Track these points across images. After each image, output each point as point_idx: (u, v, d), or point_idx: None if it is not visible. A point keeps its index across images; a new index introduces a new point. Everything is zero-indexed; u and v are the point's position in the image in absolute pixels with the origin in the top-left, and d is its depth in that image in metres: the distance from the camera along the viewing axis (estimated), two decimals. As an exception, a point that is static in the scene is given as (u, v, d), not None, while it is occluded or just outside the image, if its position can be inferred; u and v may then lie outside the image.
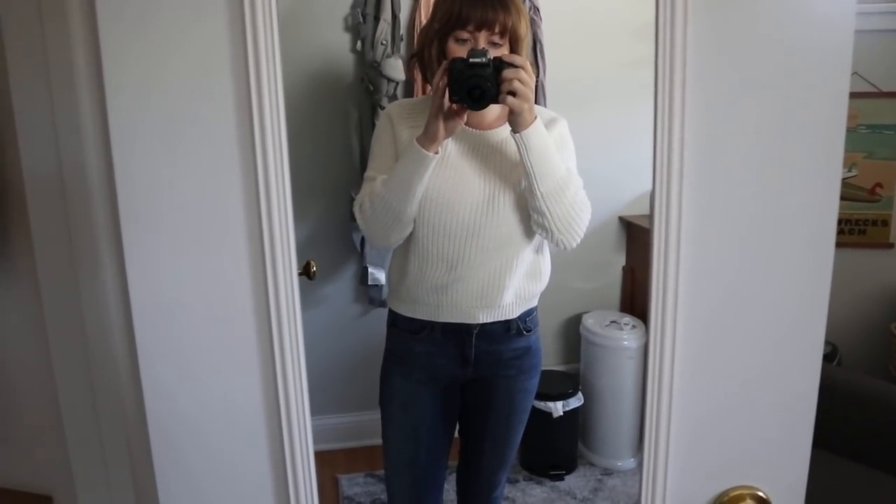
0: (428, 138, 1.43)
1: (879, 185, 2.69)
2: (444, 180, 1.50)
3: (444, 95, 1.39)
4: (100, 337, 0.95)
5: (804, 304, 0.83)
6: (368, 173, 1.60)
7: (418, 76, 1.90)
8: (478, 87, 1.37)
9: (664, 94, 0.79)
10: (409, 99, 1.70)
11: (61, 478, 1.03)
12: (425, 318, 1.60)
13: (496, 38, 1.44)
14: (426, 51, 1.50)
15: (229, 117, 0.81)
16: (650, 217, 0.83)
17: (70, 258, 0.95)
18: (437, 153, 1.43)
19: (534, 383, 1.71)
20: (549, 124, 1.53)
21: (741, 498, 0.85)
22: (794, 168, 0.80)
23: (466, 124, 1.52)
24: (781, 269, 0.82)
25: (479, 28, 1.42)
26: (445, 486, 1.93)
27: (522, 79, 1.37)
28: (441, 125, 1.41)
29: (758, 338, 0.84)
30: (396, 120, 1.57)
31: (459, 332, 1.59)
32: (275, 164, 0.82)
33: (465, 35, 1.43)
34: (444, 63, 1.39)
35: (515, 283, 1.57)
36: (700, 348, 0.84)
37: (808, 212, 0.81)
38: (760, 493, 0.85)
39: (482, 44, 1.43)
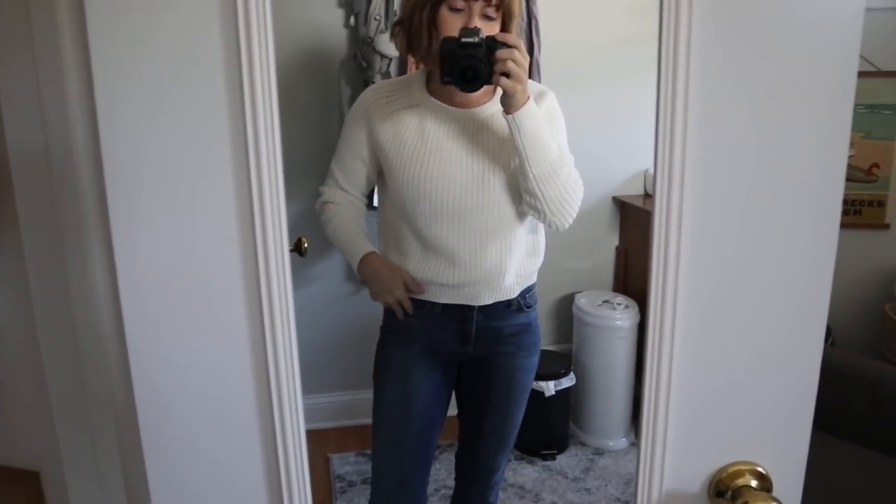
0: (365, 274, 1.58)
1: (876, 165, 2.68)
2: (430, 164, 1.47)
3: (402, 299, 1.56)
4: (87, 313, 0.93)
5: (807, 281, 0.82)
6: (333, 165, 1.64)
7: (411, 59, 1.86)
8: (471, 68, 1.33)
9: (667, 68, 0.77)
10: (387, 81, 1.66)
11: (48, 453, 1.02)
12: (425, 299, 1.58)
13: (490, 12, 1.40)
14: (415, 16, 1.43)
15: (219, 89, 0.78)
16: (645, 197, 0.81)
17: (57, 234, 0.93)
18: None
19: (534, 361, 1.70)
20: (537, 98, 1.49)
21: (740, 474, 0.84)
22: (800, 147, 0.79)
23: (451, 103, 1.49)
24: (785, 248, 0.81)
25: None
26: (440, 467, 1.93)
27: (516, 59, 1.33)
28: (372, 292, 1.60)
29: (759, 314, 0.83)
30: (374, 109, 1.53)
31: (460, 310, 1.57)
32: (266, 137, 0.80)
33: (460, 4, 1.39)
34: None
35: (515, 263, 1.55)
36: (700, 325, 0.82)
37: (813, 190, 0.80)
38: (760, 469, 0.84)
39: (476, 15, 1.39)
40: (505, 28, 1.43)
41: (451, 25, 1.38)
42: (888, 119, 2.64)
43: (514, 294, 1.59)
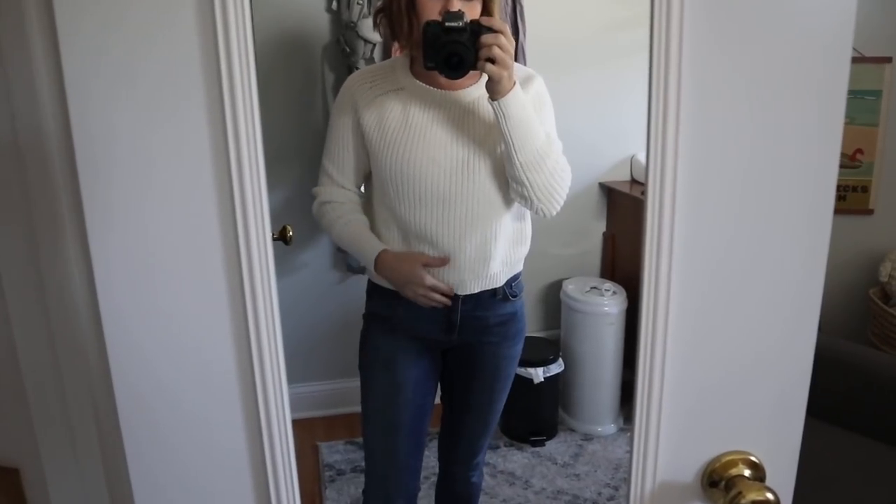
0: (385, 275, 1.53)
1: (860, 150, 2.68)
2: (414, 148, 1.45)
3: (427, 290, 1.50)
4: (62, 305, 0.91)
5: (801, 269, 0.81)
6: (326, 162, 1.59)
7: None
8: (456, 54, 1.30)
9: (660, 52, 0.75)
10: (370, 66, 1.64)
11: (27, 449, 1.00)
12: None
13: None
14: (394, 4, 1.41)
15: (195, 71, 0.76)
16: (632, 183, 0.80)
17: (29, 225, 0.90)
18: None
19: (518, 350, 1.69)
20: (525, 82, 1.47)
21: (733, 464, 0.83)
22: (794, 132, 0.78)
23: (436, 85, 1.47)
24: (778, 235, 0.80)
25: None
26: (428, 454, 1.92)
27: (502, 44, 1.31)
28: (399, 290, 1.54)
29: (753, 303, 0.82)
30: (359, 95, 1.51)
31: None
32: (245, 123, 0.77)
33: None
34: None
35: (501, 251, 1.54)
36: (693, 314, 0.81)
37: (807, 176, 0.79)
38: (753, 459, 0.84)
39: None
40: (486, 9, 1.41)
41: (431, 10, 1.36)
42: (871, 105, 2.64)
43: (500, 282, 1.57)
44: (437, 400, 1.75)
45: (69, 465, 0.99)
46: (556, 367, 2.65)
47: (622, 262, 2.88)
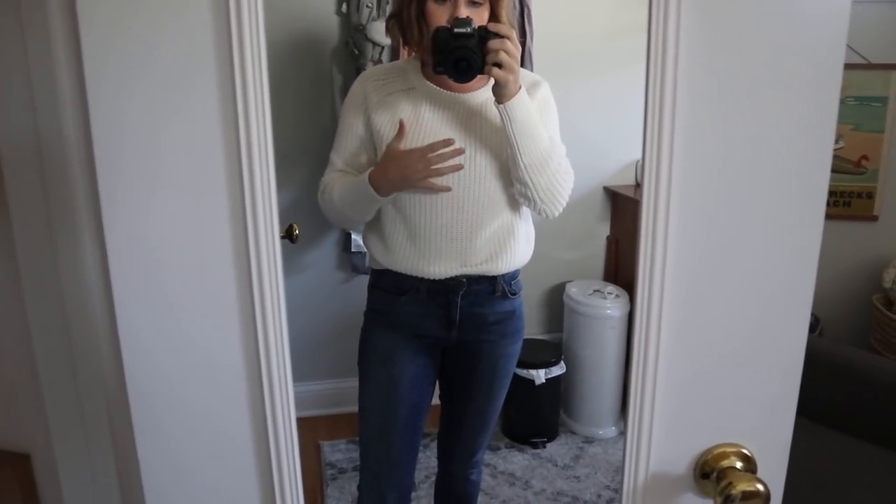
0: (385, 184, 1.45)
1: (865, 157, 2.69)
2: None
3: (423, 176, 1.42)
4: (77, 297, 0.94)
5: (793, 268, 0.83)
6: (332, 155, 1.61)
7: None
8: (464, 59, 1.35)
9: (656, 59, 0.77)
10: (384, 65, 1.67)
11: (39, 436, 1.03)
12: (411, 273, 1.57)
13: None
14: (404, 12, 1.46)
15: (210, 73, 0.78)
16: (636, 187, 0.82)
17: (47, 219, 0.93)
18: (389, 195, 1.47)
19: (516, 348, 1.71)
20: (531, 88, 1.51)
21: (725, 455, 0.85)
22: (787, 137, 0.79)
23: (445, 87, 1.51)
24: (770, 236, 0.82)
25: None
26: (430, 454, 1.93)
27: (508, 50, 1.35)
28: (404, 186, 1.45)
29: (744, 301, 0.84)
30: (371, 90, 1.54)
31: (445, 293, 1.57)
32: (257, 123, 0.80)
33: None
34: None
35: (509, 251, 1.56)
36: (687, 307, 0.83)
37: (799, 180, 0.81)
38: (745, 451, 0.85)
39: (462, 4, 1.40)
40: (494, 13, 1.44)
41: (439, 16, 1.41)
42: (877, 111, 2.65)
43: (498, 272, 1.58)
44: (436, 401, 1.76)
45: (80, 451, 1.02)
46: (558, 370, 2.66)
47: (625, 265, 2.90)
